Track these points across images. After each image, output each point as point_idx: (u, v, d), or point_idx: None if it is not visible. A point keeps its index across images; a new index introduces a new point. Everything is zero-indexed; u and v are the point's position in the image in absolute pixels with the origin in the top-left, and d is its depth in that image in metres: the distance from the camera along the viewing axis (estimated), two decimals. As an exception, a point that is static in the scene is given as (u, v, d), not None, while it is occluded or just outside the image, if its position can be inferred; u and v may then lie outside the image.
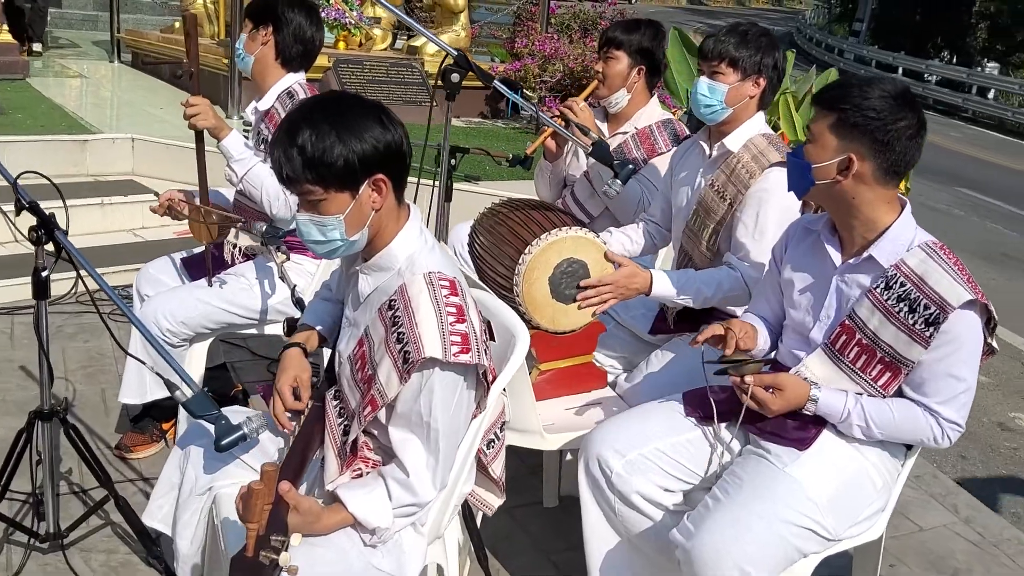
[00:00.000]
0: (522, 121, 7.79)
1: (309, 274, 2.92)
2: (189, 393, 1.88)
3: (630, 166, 2.51)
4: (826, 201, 1.95)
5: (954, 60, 25.04)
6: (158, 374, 1.94)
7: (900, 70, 22.46)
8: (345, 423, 1.77)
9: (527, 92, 7.31)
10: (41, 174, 2.21)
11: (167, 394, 2.90)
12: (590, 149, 2.45)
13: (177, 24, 8.17)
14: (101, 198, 4.96)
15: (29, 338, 3.75)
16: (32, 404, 2.19)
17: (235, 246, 2.95)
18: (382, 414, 1.67)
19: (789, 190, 2.00)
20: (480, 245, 2.49)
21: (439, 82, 2.12)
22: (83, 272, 2.03)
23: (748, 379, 1.92)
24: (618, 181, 2.49)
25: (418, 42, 8.30)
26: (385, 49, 8.66)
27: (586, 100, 3.02)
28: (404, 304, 1.63)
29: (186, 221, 2.80)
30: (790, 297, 2.08)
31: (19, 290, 4.09)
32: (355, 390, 1.73)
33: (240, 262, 2.93)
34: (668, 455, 2.07)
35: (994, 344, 1.90)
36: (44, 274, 2.09)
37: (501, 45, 9.25)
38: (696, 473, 2.09)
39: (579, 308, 2.25)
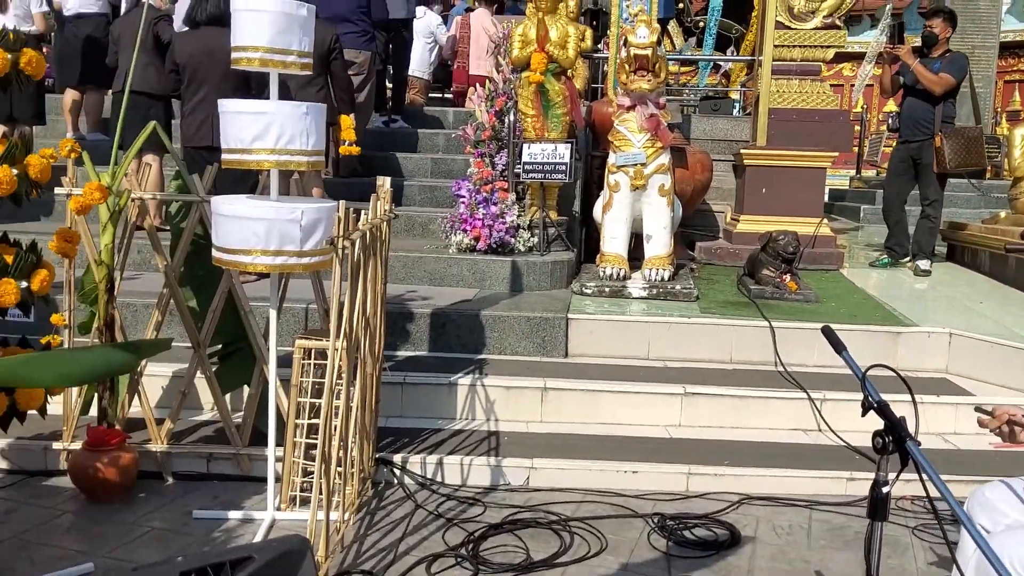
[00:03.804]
0: None
1: None
2: None
3: None
4: None
5: None
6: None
7: None
8: None
9: None
10: (889, 367, 1.90)
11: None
12: None
13: (1003, 214, 7.53)
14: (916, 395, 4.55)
15: (827, 539, 3.47)
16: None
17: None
18: None
19: None
20: None
21: None
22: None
23: None
24: None
25: None
26: None
27: None
28: None
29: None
30: None
31: (818, 483, 3.90)
32: None
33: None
34: None
35: None
36: (885, 490, 1.71)
37: None
38: None
39: None
